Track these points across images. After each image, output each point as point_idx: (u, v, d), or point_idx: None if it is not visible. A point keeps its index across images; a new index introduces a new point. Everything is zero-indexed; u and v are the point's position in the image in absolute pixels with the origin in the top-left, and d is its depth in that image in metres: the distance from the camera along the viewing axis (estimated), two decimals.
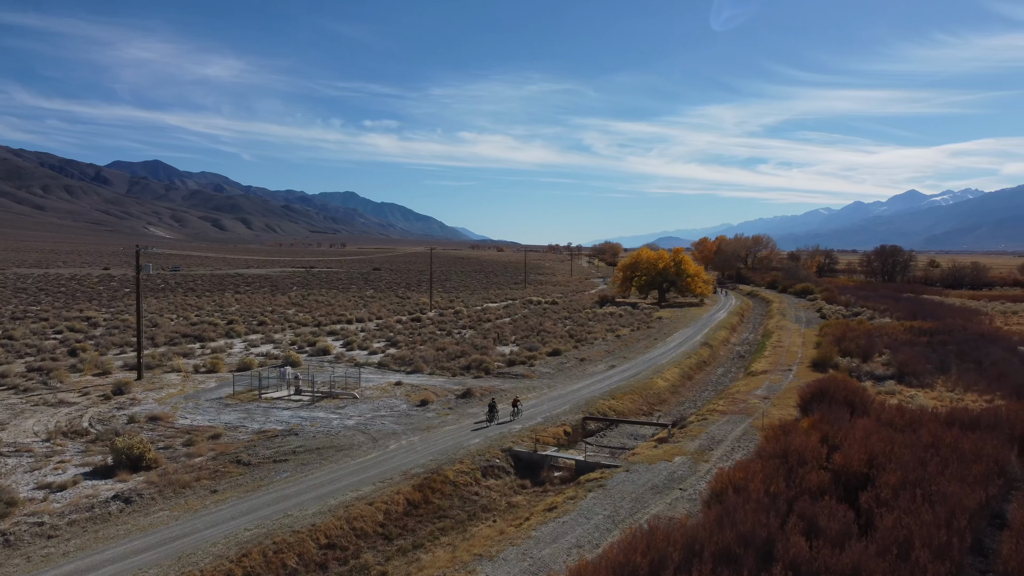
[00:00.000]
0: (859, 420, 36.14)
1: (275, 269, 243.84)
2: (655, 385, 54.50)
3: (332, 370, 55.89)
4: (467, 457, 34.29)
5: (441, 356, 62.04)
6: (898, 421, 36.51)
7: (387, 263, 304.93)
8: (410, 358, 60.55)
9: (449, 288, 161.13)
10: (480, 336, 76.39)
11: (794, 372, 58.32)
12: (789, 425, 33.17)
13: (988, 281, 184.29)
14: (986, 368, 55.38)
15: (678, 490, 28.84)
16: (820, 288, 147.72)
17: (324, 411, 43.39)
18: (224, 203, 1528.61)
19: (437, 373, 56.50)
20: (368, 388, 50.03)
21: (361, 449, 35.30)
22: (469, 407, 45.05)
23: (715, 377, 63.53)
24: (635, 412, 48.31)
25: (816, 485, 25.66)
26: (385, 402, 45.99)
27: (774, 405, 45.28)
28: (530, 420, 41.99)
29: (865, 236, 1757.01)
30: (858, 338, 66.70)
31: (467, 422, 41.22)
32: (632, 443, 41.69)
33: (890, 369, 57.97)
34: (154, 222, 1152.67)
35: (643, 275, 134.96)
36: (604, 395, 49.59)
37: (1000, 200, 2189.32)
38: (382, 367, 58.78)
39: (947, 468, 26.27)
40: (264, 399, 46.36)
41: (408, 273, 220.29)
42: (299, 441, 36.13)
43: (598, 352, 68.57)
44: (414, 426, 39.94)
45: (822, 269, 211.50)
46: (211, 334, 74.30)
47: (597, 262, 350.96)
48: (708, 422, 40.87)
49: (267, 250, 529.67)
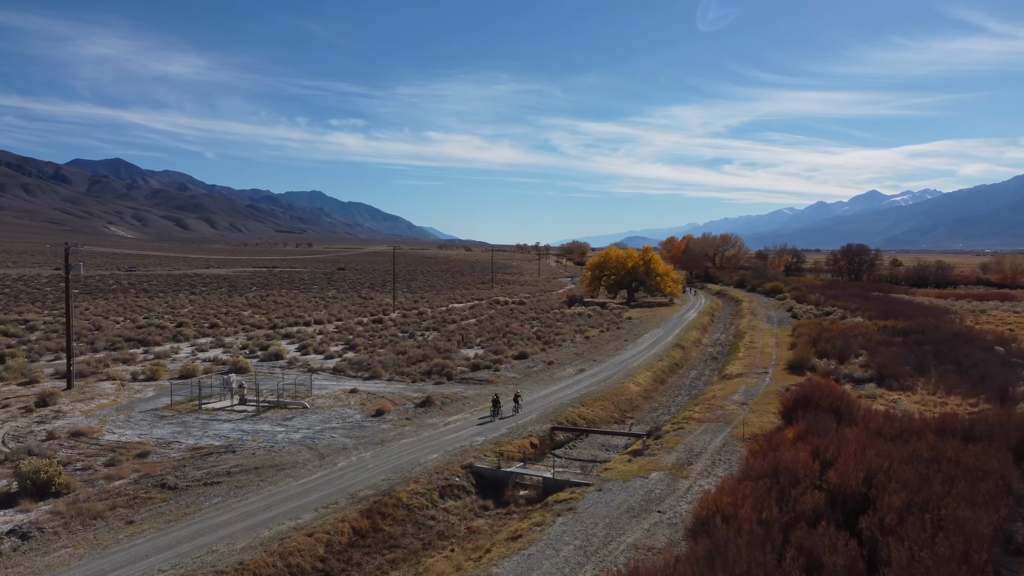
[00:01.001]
0: (846, 430, 33.66)
1: (236, 269, 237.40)
2: (627, 390, 51.70)
3: (283, 377, 52.12)
4: (424, 475, 31.00)
5: (401, 360, 58.58)
6: (888, 430, 34.13)
7: (352, 263, 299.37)
8: (368, 363, 56.99)
9: (414, 288, 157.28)
10: (444, 338, 73.01)
11: (770, 375, 56.00)
12: (775, 437, 30.48)
13: (952, 280, 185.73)
14: (966, 370, 53.59)
15: (657, 513, 25.90)
16: (789, 287, 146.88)
17: (270, 423, 39.73)
18: (188, 202, 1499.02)
19: (396, 379, 53.03)
20: (321, 396, 46.42)
21: (306, 468, 31.80)
22: (428, 417, 41.72)
23: (688, 380, 61.00)
24: (606, 420, 45.42)
25: (811, 509, 22.91)
26: (338, 412, 42.46)
27: (753, 412, 42.72)
28: (495, 431, 38.86)
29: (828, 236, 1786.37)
30: (834, 339, 64.72)
31: (425, 433, 37.92)
32: (604, 455, 38.76)
33: (868, 371, 55.95)
34: (115, 221, 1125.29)
35: (612, 274, 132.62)
36: (573, 402, 46.62)
37: (957, 200, 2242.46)
38: (338, 373, 55.14)
39: (953, 487, 23.72)
40: (205, 410, 42.53)
41: (373, 273, 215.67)
42: (236, 459, 32.49)
43: (566, 355, 65.66)
44: (367, 440, 36.51)
45: (789, 268, 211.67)
46: (157, 338, 69.86)
47: (565, 261, 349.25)
48: (685, 431, 38.10)
49: (230, 250, 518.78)
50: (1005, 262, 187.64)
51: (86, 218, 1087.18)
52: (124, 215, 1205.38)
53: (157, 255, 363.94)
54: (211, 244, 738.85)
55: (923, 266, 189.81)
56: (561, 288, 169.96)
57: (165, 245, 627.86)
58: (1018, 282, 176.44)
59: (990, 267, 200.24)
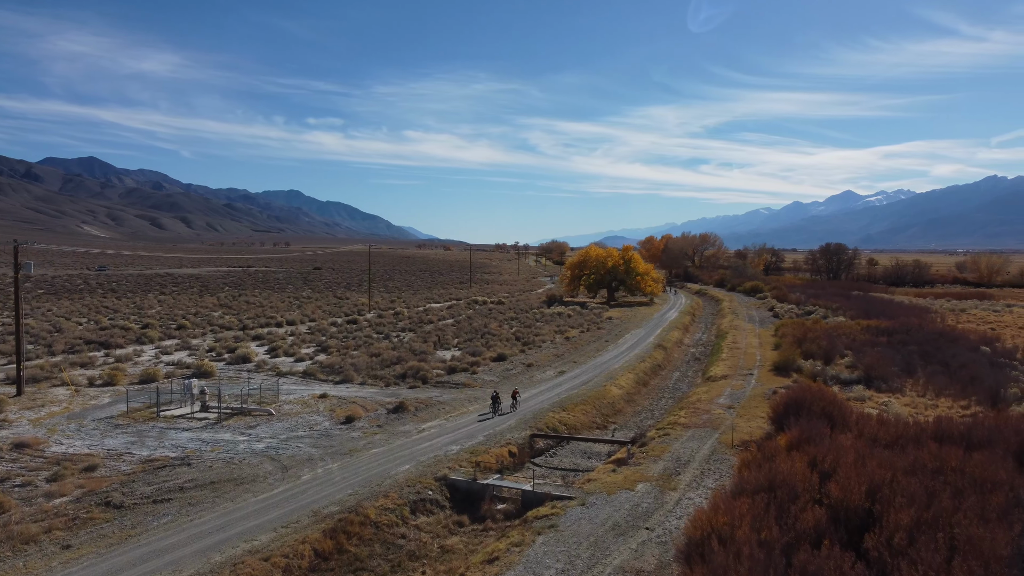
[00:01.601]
0: (841, 436, 32.05)
1: (209, 269, 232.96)
2: (609, 393, 49.87)
3: (249, 381, 49.67)
4: (394, 489, 28.87)
5: (375, 363, 56.29)
6: (883, 436, 32.54)
7: (329, 262, 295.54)
8: (340, 366, 54.67)
9: (392, 288, 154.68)
10: (420, 340, 70.77)
11: (756, 376, 54.47)
12: (768, 446, 28.72)
13: (929, 279, 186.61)
14: (955, 371, 52.44)
15: (645, 530, 24.00)
16: (769, 286, 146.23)
17: (231, 432, 37.35)
18: (163, 201, 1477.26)
19: (369, 383, 50.76)
20: (288, 402, 44.05)
21: (267, 481, 29.53)
22: (401, 424, 39.55)
23: (671, 382, 59.32)
24: (588, 425, 43.55)
25: (812, 526, 21.13)
26: (305, 419, 40.14)
27: (740, 416, 41.05)
28: (471, 439, 36.80)
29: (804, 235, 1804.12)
30: (819, 339, 63.41)
31: (397, 442, 35.76)
32: (586, 463, 36.86)
33: (855, 372, 54.63)
34: (89, 221, 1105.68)
35: (592, 273, 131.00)
36: (554, 406, 44.69)
37: (931, 201, 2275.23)
38: (307, 376, 52.73)
39: (962, 501, 22.07)
40: (163, 418, 40.02)
41: (350, 273, 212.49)
42: (191, 473, 30.13)
43: (546, 356, 63.74)
44: (335, 449, 34.28)
45: (769, 267, 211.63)
46: (120, 340, 66.91)
47: (544, 261, 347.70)
48: (670, 438, 36.29)
49: (206, 249, 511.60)
50: (981, 261, 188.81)
51: (59, 217, 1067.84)
52: (98, 214, 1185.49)
53: (130, 254, 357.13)
54: (187, 244, 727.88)
55: (901, 265, 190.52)
56: (540, 288, 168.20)
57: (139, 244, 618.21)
58: (994, 281, 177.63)
59: (966, 266, 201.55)
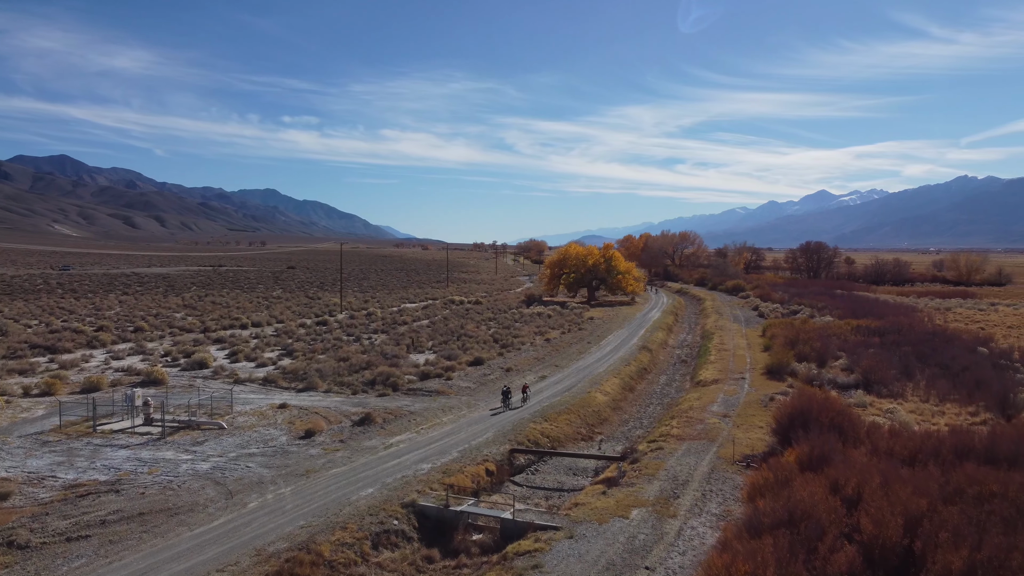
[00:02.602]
0: (854, 451, 28.92)
1: (179, 268, 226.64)
2: (594, 400, 46.42)
3: (203, 390, 45.56)
4: (354, 518, 25.14)
5: (342, 368, 52.36)
6: (899, 451, 29.45)
7: (304, 261, 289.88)
8: (304, 372, 50.68)
9: (366, 287, 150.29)
10: (392, 342, 66.90)
11: (748, 381, 51.37)
12: (779, 466, 25.35)
13: (909, 277, 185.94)
14: (956, 374, 49.69)
15: (644, 571, 20.52)
16: (752, 285, 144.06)
17: (175, 449, 33.34)
18: (137, 200, 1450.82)
19: (335, 390, 46.83)
20: (243, 413, 40.07)
21: (206, 511, 25.65)
22: (366, 438, 35.76)
23: (659, 387, 56.06)
24: (572, 437, 40.05)
25: (846, 569, 17.82)
26: (260, 433, 36.22)
27: (738, 426, 37.81)
28: (444, 455, 33.13)
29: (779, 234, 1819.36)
30: (812, 340, 60.53)
31: (361, 460, 32.00)
32: (572, 481, 33.36)
33: (851, 375, 51.76)
34: (60, 220, 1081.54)
35: (572, 272, 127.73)
36: (535, 416, 41.14)
37: (903, 200, 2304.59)
38: (268, 384, 48.68)
39: (1018, 537, 18.86)
40: (100, 433, 35.88)
41: (324, 272, 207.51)
42: (119, 502, 26.16)
43: (526, 360, 60.20)
44: (290, 470, 30.44)
45: (749, 266, 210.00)
46: (69, 344, 62.27)
47: (522, 260, 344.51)
48: (664, 452, 32.91)
49: (180, 248, 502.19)
50: (960, 260, 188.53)
51: (29, 216, 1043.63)
52: (69, 213, 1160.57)
53: (98, 253, 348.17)
54: (160, 243, 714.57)
55: (881, 264, 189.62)
56: (519, 287, 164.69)
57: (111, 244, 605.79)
58: (972, 279, 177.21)
59: (945, 264, 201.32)
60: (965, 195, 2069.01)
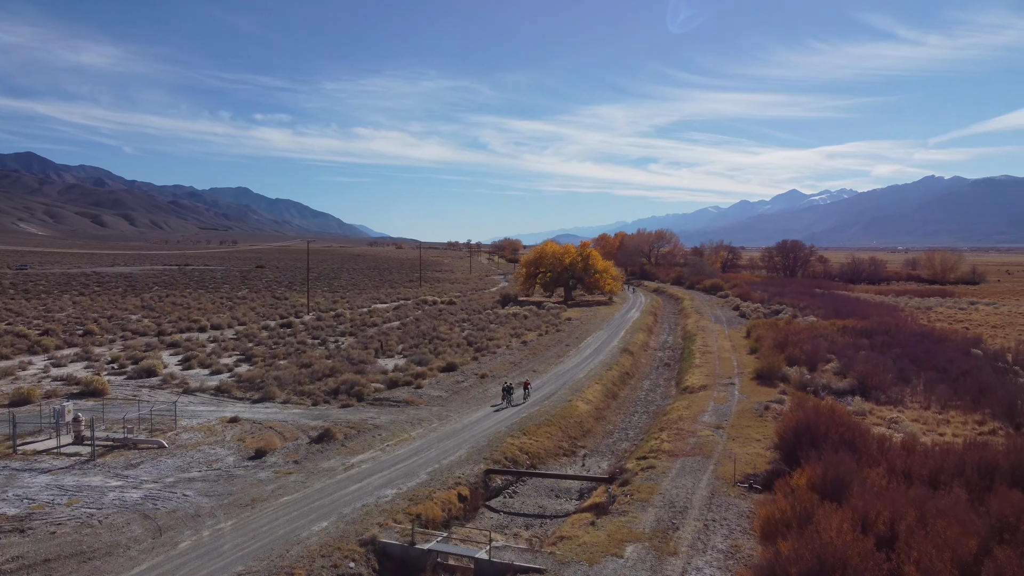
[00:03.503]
0: (868, 470, 25.91)
1: (144, 267, 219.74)
2: (575, 410, 43.04)
3: (147, 401, 41.43)
4: (303, 561, 21.47)
5: (304, 376, 48.43)
6: (917, 470, 26.52)
7: (274, 260, 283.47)
8: (262, 380, 46.70)
9: (337, 287, 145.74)
10: (360, 346, 62.99)
11: (738, 387, 48.39)
12: (799, 498, 22.09)
13: (885, 276, 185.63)
14: (956, 379, 47.12)
15: None
16: (730, 284, 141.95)
17: (105, 473, 29.34)
18: (105, 198, 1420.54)
19: (294, 401, 42.94)
20: (189, 428, 36.09)
21: (127, 554, 21.80)
22: (325, 457, 32.00)
23: (643, 393, 52.89)
24: (553, 452, 36.63)
25: None
26: (205, 453, 32.31)
27: (733, 439, 34.69)
28: (412, 477, 29.53)
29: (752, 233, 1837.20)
30: (801, 343, 57.80)
31: (317, 484, 28.27)
32: (555, 505, 29.95)
33: (845, 380, 49.03)
34: (26, 218, 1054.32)
35: (548, 271, 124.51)
36: (513, 428, 37.67)
37: (872, 200, 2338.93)
38: (221, 394, 44.62)
39: None
40: (21, 454, 31.73)
41: (294, 271, 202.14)
42: (22, 544, 22.18)
43: (502, 365, 56.72)
44: (234, 499, 26.63)
45: (726, 264, 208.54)
46: (7, 350, 57.52)
47: (497, 259, 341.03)
48: (656, 472, 29.63)
49: (148, 247, 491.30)
50: (935, 258, 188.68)
51: None
52: (36, 211, 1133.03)
53: (61, 252, 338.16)
54: (130, 242, 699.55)
55: (857, 262, 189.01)
56: (494, 286, 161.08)
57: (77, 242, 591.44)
58: (947, 278, 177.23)
59: (920, 263, 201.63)
60: (932, 195, 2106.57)
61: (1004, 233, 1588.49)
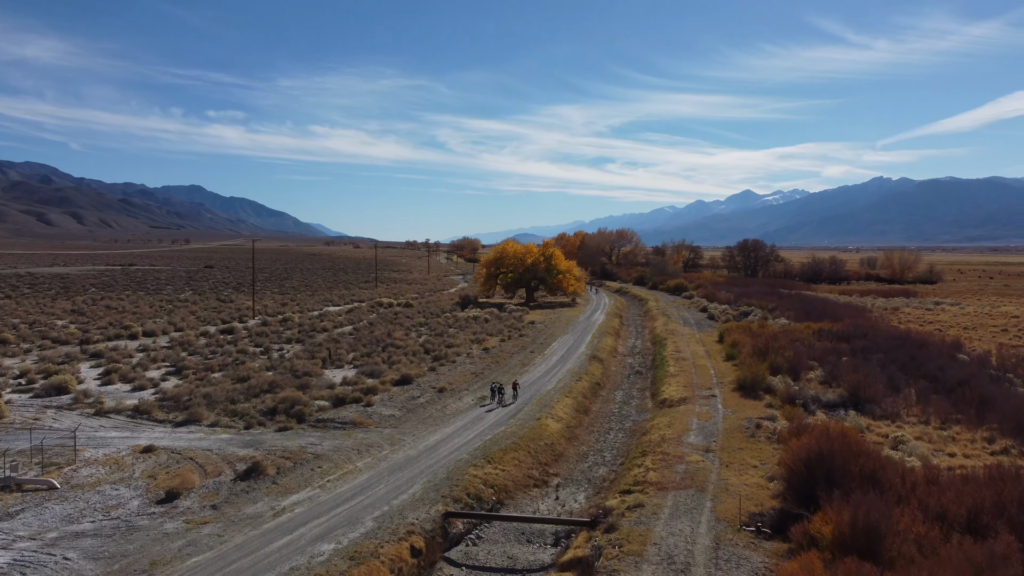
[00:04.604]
0: (900, 513, 21.84)
1: (85, 267, 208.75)
2: (545, 430, 38.39)
3: (49, 428, 35.56)
4: None
5: (238, 392, 42.87)
6: (952, 510, 22.61)
7: (225, 260, 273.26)
8: (190, 397, 41.09)
9: (288, 288, 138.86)
10: (307, 355, 57.52)
11: (720, 399, 44.38)
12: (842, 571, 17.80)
13: (845, 275, 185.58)
14: (952, 390, 43.82)
15: None
16: (694, 284, 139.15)
17: None
18: (52, 196, 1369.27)
19: (223, 423, 37.44)
20: (92, 462, 30.44)
21: None
22: (250, 500, 26.75)
23: (616, 406, 48.53)
24: (523, 482, 31.93)
25: None
26: (105, 495, 26.82)
27: (727, 465, 30.48)
28: (355, 525, 24.52)
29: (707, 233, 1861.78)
30: (783, 350, 54.13)
31: (237, 538, 23.08)
32: (526, 554, 25.24)
33: (832, 390, 45.43)
34: None
35: (510, 272, 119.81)
36: (475, 455, 32.88)
37: (823, 200, 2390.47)
38: (139, 415, 38.87)
39: None
40: None
41: (244, 272, 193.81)
42: None
43: (462, 376, 51.83)
44: (128, 562, 21.30)
45: (688, 264, 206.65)
46: None
47: (456, 258, 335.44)
48: (646, 512, 25.16)
49: (95, 246, 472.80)
50: (894, 257, 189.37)
51: None
52: None
53: None
54: (77, 240, 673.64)
55: (818, 262, 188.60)
56: (453, 287, 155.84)
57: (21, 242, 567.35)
58: (905, 277, 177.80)
59: (878, 262, 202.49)
60: (881, 195, 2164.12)
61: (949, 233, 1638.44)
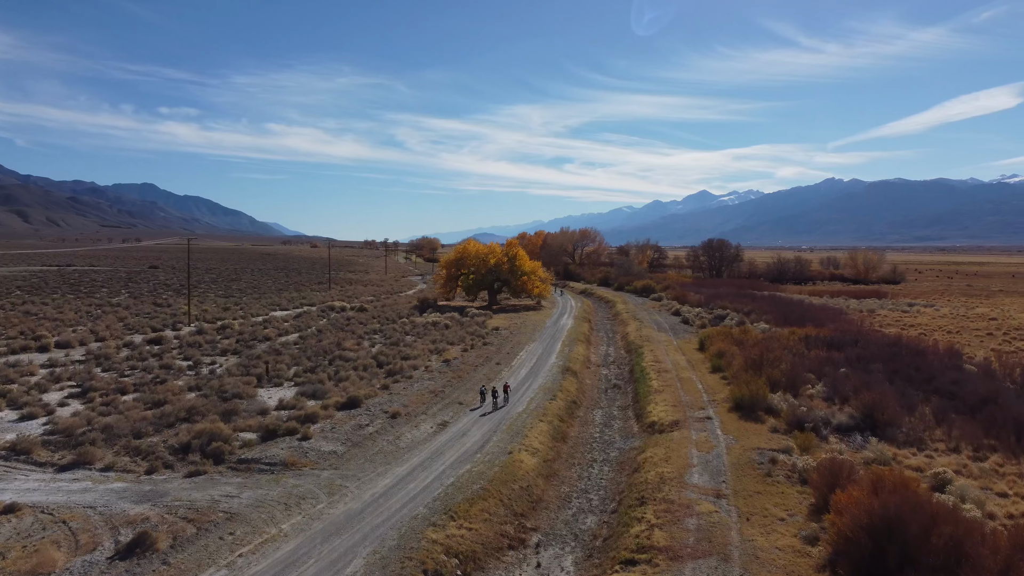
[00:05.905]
0: None
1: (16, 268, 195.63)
2: (519, 468, 31.96)
3: None
4: None
5: (148, 423, 35.61)
6: None
7: (174, 260, 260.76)
8: (84, 431, 33.72)
9: (234, 291, 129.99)
10: (241, 370, 50.24)
11: (717, 422, 38.62)
12: None
13: (810, 275, 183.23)
14: (976, 408, 38.73)
15: None
16: (662, 286, 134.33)
17: None
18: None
19: (119, 466, 30.20)
20: None
21: None
22: None
23: (596, 430, 42.35)
24: (494, 544, 25.45)
25: None
26: None
27: (746, 518, 24.55)
28: None
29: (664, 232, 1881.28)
30: (779, 362, 48.67)
31: None
32: None
33: (840, 409, 40.03)
34: None
35: (471, 273, 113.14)
36: (435, 508, 26.32)
37: (777, 200, 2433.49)
38: (15, 456, 31.36)
39: None
40: None
41: (192, 272, 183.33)
42: None
43: (419, 396, 45.12)
44: None
45: (653, 264, 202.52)
46: None
47: (415, 258, 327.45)
48: None
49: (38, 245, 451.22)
50: (858, 257, 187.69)
51: None
52: None
53: None
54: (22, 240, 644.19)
55: (783, 262, 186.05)
56: (411, 288, 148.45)
57: None
58: (870, 277, 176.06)
59: (841, 262, 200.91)
60: (832, 196, 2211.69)
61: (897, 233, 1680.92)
